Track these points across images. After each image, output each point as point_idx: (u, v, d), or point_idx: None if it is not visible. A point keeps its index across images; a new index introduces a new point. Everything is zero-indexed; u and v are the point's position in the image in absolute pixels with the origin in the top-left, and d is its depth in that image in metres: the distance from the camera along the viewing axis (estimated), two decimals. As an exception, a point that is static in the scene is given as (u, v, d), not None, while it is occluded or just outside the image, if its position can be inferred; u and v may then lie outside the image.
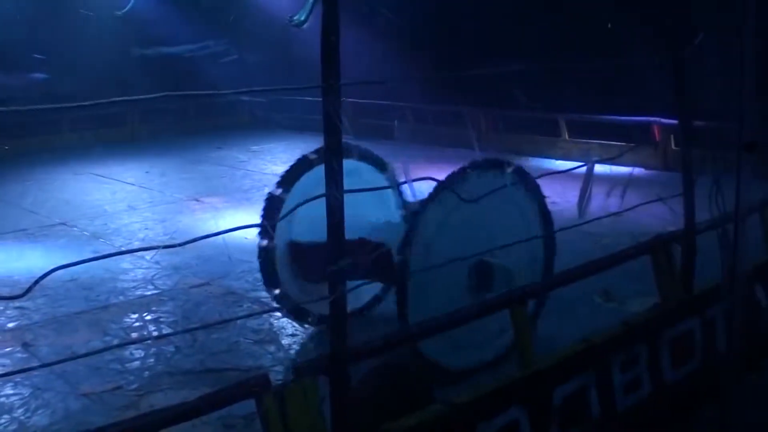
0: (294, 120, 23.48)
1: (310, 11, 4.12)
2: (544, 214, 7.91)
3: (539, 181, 7.63)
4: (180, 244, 4.37)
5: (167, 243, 10.78)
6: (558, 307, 7.87)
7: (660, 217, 7.62)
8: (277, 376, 7.21)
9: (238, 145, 18.40)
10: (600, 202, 6.90)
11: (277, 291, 8.34)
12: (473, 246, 6.80)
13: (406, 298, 6.91)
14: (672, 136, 16.68)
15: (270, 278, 8.35)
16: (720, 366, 5.84)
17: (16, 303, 9.45)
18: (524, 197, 7.78)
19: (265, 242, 8.16)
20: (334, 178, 4.24)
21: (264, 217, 7.86)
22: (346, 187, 4.25)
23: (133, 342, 8.50)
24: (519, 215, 7.75)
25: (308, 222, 7.55)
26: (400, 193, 8.41)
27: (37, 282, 3.82)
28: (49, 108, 4.23)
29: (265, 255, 8.27)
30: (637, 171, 13.81)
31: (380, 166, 8.55)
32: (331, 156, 4.25)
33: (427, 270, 6.38)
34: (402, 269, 6.92)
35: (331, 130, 4.25)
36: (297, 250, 8.42)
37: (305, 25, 4.14)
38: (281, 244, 8.36)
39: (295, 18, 4.18)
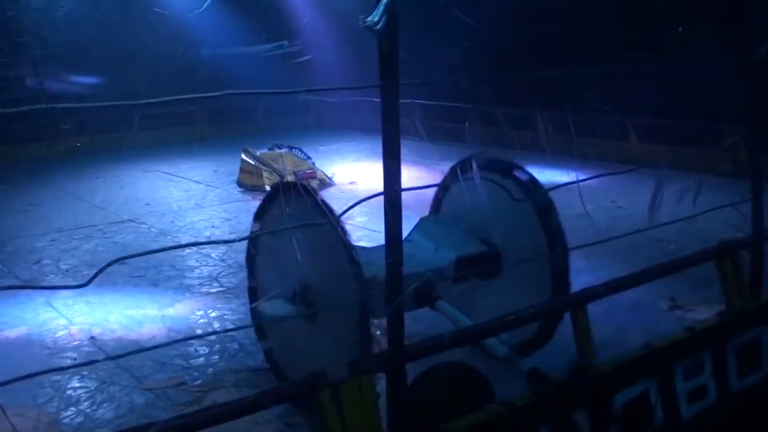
0: (363, 121, 23.55)
1: (384, 12, 4.10)
2: (553, 231, 7.21)
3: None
4: (232, 241, 4.40)
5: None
6: (622, 312, 7.78)
7: (731, 223, 7.48)
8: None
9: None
10: (670, 207, 6.81)
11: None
12: None
13: None
14: (743, 142, 16.38)
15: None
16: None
17: (84, 297, 9.64)
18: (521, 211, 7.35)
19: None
20: (393, 177, 4.26)
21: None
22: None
23: (198, 337, 8.59)
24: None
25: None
26: None
27: (99, 272, 3.87)
28: (117, 104, 4.25)
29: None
30: (708, 176, 13.61)
31: None
32: (390, 156, 4.26)
33: None
34: None
35: (389, 131, 4.26)
36: None
37: (378, 26, 4.13)
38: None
39: (368, 19, 4.17)
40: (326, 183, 16.86)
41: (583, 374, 5.23)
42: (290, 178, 15.89)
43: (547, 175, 9.14)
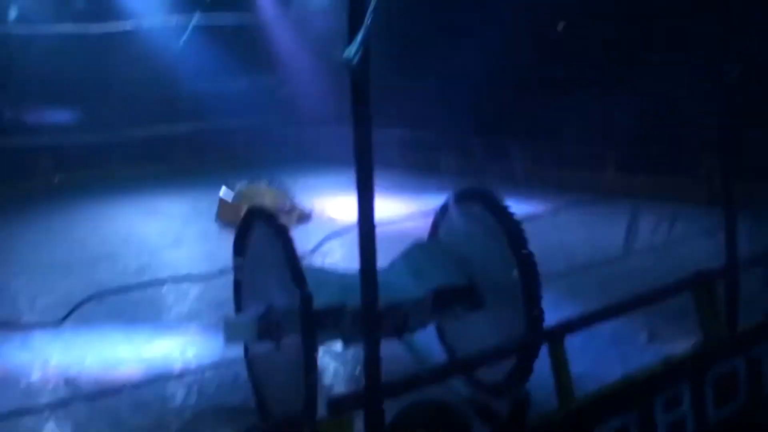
0: (344, 153, 23.48)
1: (360, 46, 4.12)
2: (522, 261, 7.23)
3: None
4: (210, 277, 4.38)
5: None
6: (601, 344, 7.78)
7: (710, 252, 7.51)
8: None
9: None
10: (646, 237, 6.85)
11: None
12: None
13: None
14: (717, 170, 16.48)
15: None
16: (765, 406, 5.73)
17: (60, 336, 9.56)
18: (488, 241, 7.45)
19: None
20: (366, 209, 4.24)
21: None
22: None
23: (175, 377, 8.52)
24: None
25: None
26: None
27: (74, 309, 3.85)
28: (98, 139, 4.26)
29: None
30: (684, 206, 13.67)
31: None
32: (363, 188, 4.25)
33: None
34: None
35: (362, 161, 4.26)
36: None
37: (355, 61, 4.15)
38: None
39: (345, 54, 4.19)
40: (305, 217, 16.83)
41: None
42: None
43: (522, 207, 9.14)
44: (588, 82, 18.50)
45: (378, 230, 4.42)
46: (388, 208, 12.54)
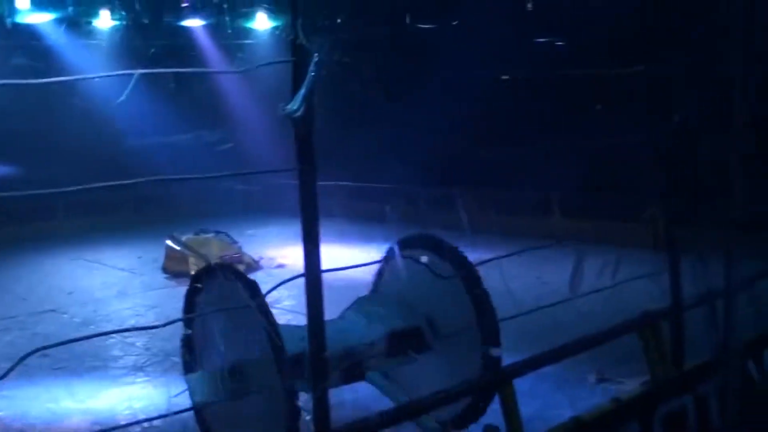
0: (289, 205, 23.48)
1: (303, 100, 4.18)
2: (480, 303, 7.29)
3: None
4: (157, 327, 4.36)
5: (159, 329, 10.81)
6: (550, 387, 7.81)
7: (654, 295, 7.62)
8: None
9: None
10: (592, 281, 6.91)
11: None
12: None
13: None
14: (661, 215, 16.70)
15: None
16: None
17: (2, 391, 9.36)
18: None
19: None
20: (312, 258, 4.27)
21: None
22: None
23: (123, 427, 8.38)
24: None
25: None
26: None
27: (17, 363, 3.80)
28: (42, 193, 4.24)
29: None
30: (630, 250, 13.84)
31: None
32: (310, 238, 4.28)
33: None
34: None
35: (308, 212, 4.29)
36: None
37: (298, 114, 4.20)
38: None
39: (288, 107, 4.24)
40: (253, 267, 16.76)
41: None
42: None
43: (468, 254, 9.21)
44: (532, 130, 18.76)
45: (325, 278, 4.45)
46: (335, 256, 12.52)
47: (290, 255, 17.77)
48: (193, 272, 15.09)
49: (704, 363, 6.43)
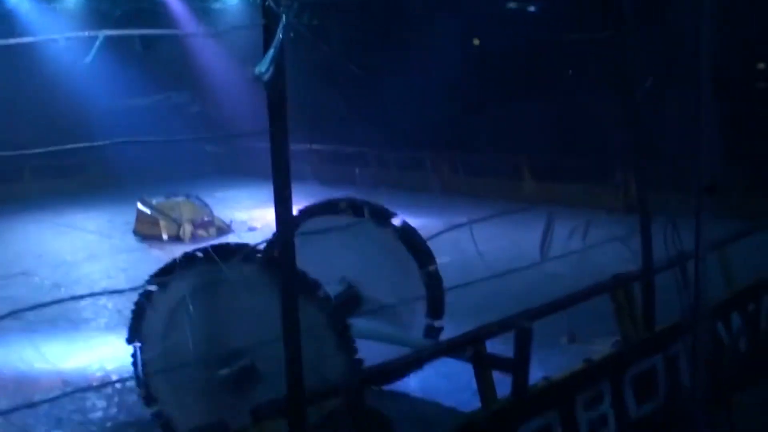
0: (261, 167, 23.42)
1: (271, 63, 4.15)
2: (430, 274, 7.50)
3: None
4: (130, 290, 4.34)
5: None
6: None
7: (625, 258, 7.68)
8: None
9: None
10: (563, 244, 6.96)
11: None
12: None
13: None
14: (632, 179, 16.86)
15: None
16: (684, 402, 5.87)
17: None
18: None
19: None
20: (286, 221, 4.27)
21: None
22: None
23: (94, 388, 8.38)
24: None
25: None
26: None
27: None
28: (7, 155, 4.19)
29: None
30: (601, 213, 13.96)
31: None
32: (282, 200, 4.27)
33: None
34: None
35: (280, 174, 4.28)
36: None
37: (266, 77, 4.17)
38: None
39: (256, 70, 4.21)
40: (224, 230, 16.72)
41: None
42: (187, 226, 15.75)
43: (439, 217, 9.28)
44: (503, 94, 18.78)
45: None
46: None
47: (261, 218, 17.76)
48: (164, 236, 15.19)
49: (674, 324, 6.52)
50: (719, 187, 5.28)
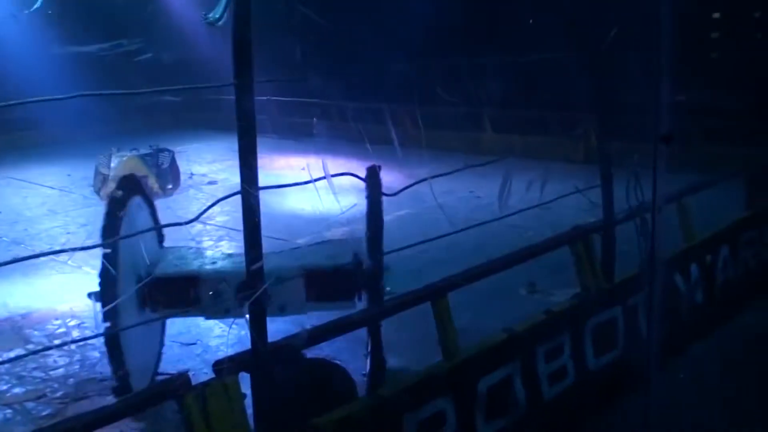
0: (218, 120, 23.26)
1: (225, 8, 4.09)
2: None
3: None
4: (89, 248, 4.30)
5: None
6: (483, 299, 7.92)
7: (584, 209, 7.74)
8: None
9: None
10: (523, 195, 6.99)
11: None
12: None
13: None
14: (593, 130, 16.91)
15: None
16: (642, 352, 5.95)
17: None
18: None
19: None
20: (250, 177, 4.24)
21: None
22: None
23: (56, 347, 8.34)
24: None
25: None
26: None
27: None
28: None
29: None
30: (560, 164, 14.04)
31: None
32: (247, 155, 4.24)
33: None
34: None
35: (245, 129, 4.24)
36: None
37: (221, 22, 4.11)
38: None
39: (210, 15, 4.14)
40: (158, 194, 16.29)
41: None
42: (112, 183, 15.41)
43: (404, 171, 9.25)
44: (464, 46, 18.70)
45: (262, 193, 4.42)
46: (270, 172, 12.45)
47: (221, 171, 17.66)
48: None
49: (633, 276, 6.60)
50: (676, 137, 5.31)
